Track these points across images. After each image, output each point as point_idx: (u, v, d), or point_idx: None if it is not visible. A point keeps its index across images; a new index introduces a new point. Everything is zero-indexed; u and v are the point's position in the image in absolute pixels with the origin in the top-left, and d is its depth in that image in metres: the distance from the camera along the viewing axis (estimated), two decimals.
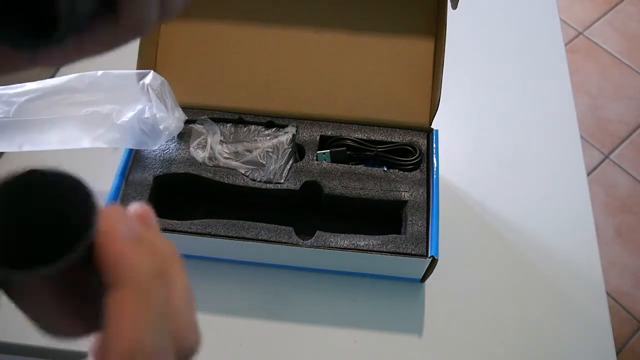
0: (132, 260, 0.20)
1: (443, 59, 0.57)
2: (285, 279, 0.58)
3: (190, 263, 0.66)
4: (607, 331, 0.57)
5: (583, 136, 1.60)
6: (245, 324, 0.56)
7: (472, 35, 0.78)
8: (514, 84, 0.75)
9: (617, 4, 1.87)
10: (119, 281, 0.20)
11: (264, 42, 0.62)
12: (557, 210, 0.64)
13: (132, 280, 0.20)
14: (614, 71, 1.74)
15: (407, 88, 0.61)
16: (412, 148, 0.59)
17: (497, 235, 0.62)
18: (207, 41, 0.62)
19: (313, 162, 0.58)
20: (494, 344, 0.56)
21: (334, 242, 0.53)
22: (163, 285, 0.21)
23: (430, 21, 0.60)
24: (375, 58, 0.61)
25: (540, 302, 0.59)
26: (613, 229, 1.47)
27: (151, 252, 0.21)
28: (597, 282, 0.60)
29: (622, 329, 1.33)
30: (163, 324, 0.21)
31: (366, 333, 0.56)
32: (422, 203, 0.56)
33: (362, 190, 0.56)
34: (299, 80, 0.61)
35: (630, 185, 1.54)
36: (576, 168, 0.67)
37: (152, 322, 0.20)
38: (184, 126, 0.58)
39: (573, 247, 0.62)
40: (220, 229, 0.53)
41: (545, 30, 0.79)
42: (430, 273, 0.55)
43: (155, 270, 0.21)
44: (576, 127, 0.70)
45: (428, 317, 0.57)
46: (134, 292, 0.20)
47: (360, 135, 0.60)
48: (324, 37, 0.61)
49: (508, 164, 0.68)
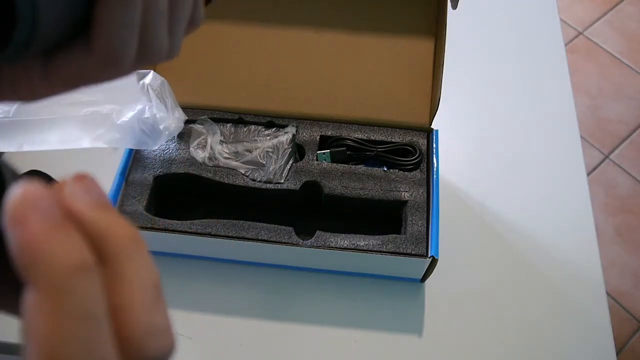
0: (46, 251, 0.16)
1: (443, 59, 0.57)
2: (285, 279, 0.58)
3: (190, 263, 0.66)
4: (607, 331, 0.57)
5: (583, 136, 1.60)
6: (245, 324, 0.56)
7: (472, 35, 0.78)
8: (514, 84, 0.74)
9: (617, 4, 1.87)
10: (31, 277, 0.16)
11: (264, 42, 0.62)
12: (557, 210, 0.64)
13: (46, 275, 0.16)
14: (614, 71, 1.74)
15: (407, 88, 0.61)
16: (412, 148, 0.59)
17: (497, 235, 0.62)
18: (207, 41, 0.62)
19: (313, 162, 0.58)
20: (494, 344, 0.56)
21: (334, 242, 0.53)
22: (94, 280, 0.17)
23: (430, 21, 0.60)
24: (375, 58, 0.61)
25: (540, 302, 0.59)
26: (613, 229, 1.47)
27: (79, 240, 0.17)
28: (597, 282, 0.60)
29: (622, 329, 1.33)
30: (92, 329, 0.16)
31: (366, 333, 0.56)
32: (422, 203, 0.56)
33: (362, 190, 0.56)
34: (299, 80, 0.61)
35: (630, 185, 1.54)
36: (576, 168, 0.67)
37: (72, 328, 0.16)
38: (184, 126, 0.58)
39: (573, 247, 0.62)
40: (220, 229, 0.53)
41: (545, 30, 0.79)
42: (430, 273, 0.55)
43: (81, 263, 0.16)
44: (576, 127, 0.70)
45: (428, 317, 0.57)
46: (47, 292, 0.16)
47: (360, 135, 0.60)
48: (324, 37, 0.61)
49: (508, 164, 0.68)
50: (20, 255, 0.16)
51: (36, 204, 0.16)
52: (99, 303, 0.17)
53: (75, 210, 0.17)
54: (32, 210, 0.16)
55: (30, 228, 0.16)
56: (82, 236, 0.17)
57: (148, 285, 0.18)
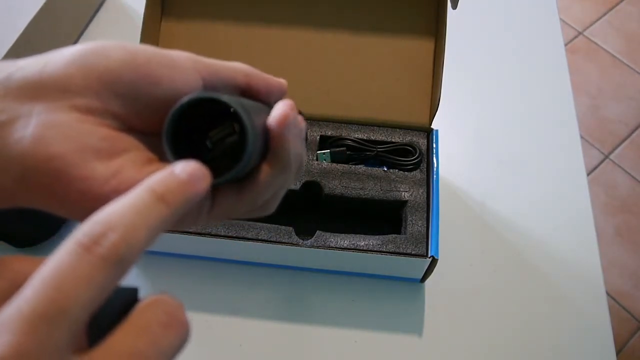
0: (289, 145, 0.26)
1: (443, 59, 0.57)
2: (285, 279, 0.58)
3: (190, 263, 0.65)
4: (607, 331, 0.57)
5: (583, 136, 1.60)
6: (245, 324, 0.56)
7: (472, 35, 0.78)
8: (514, 84, 0.75)
9: (617, 4, 1.87)
10: (272, 155, 0.26)
11: (264, 42, 0.62)
12: (557, 210, 0.64)
13: (283, 157, 0.26)
14: (614, 71, 1.74)
15: (407, 88, 0.61)
16: (412, 148, 0.59)
17: (497, 235, 0.62)
18: (207, 41, 0.62)
19: (313, 162, 0.58)
20: (494, 344, 0.56)
21: (334, 242, 0.53)
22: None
23: (430, 21, 0.60)
24: (375, 58, 0.61)
25: (540, 302, 0.59)
26: (613, 229, 1.47)
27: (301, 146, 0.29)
28: (597, 282, 0.60)
29: (622, 329, 1.33)
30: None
31: (366, 333, 0.56)
32: (422, 203, 0.56)
33: (362, 190, 0.56)
34: (299, 80, 0.61)
35: (630, 185, 1.54)
36: (576, 168, 0.67)
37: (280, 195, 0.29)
38: None
39: (573, 247, 0.62)
40: (220, 229, 0.53)
41: (545, 30, 0.79)
42: (430, 273, 0.55)
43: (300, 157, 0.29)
44: (576, 127, 0.70)
45: (428, 317, 0.57)
46: (282, 165, 0.27)
47: (360, 135, 0.60)
48: (324, 37, 0.61)
49: (508, 164, 0.68)
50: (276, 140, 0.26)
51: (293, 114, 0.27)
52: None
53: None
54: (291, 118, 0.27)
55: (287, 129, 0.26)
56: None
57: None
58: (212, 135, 0.25)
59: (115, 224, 0.18)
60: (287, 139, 0.26)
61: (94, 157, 0.24)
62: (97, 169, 0.23)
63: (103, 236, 0.18)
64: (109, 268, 0.18)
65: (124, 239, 0.18)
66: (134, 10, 0.79)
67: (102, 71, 0.24)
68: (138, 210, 0.19)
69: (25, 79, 0.24)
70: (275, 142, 0.26)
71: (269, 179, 0.27)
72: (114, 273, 0.18)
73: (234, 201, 0.27)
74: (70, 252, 0.18)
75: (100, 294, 0.18)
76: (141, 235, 0.19)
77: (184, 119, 0.24)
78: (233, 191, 0.27)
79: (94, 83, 0.24)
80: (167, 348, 0.19)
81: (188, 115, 0.24)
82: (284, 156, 0.27)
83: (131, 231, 0.19)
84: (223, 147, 0.25)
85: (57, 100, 0.24)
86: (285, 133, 0.26)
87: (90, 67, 0.24)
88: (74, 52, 0.24)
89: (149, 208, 0.20)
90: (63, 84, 0.24)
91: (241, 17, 0.62)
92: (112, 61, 0.25)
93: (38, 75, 0.24)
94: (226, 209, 0.27)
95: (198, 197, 0.22)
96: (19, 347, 0.16)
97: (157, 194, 0.20)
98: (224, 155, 0.25)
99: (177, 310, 0.20)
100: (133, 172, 0.24)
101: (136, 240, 0.19)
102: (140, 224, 0.19)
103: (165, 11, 0.61)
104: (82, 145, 0.23)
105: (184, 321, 0.20)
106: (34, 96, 0.23)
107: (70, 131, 0.23)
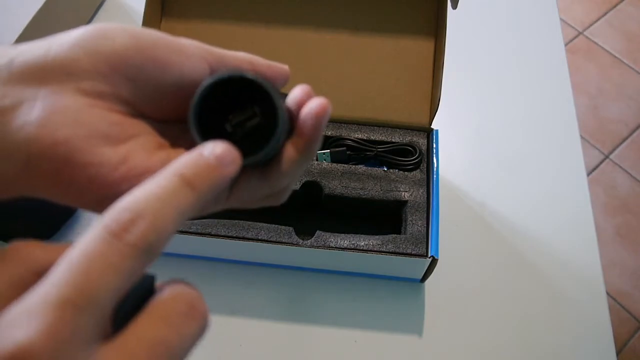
0: (322, 131, 0.26)
1: (443, 59, 0.57)
2: (285, 279, 0.58)
3: (190, 263, 0.65)
4: (607, 331, 0.57)
5: (583, 136, 1.60)
6: (245, 324, 0.56)
7: (472, 35, 0.78)
8: (514, 83, 0.75)
9: (617, 4, 1.87)
10: (302, 138, 0.26)
11: (264, 42, 0.62)
12: (557, 210, 0.64)
13: (315, 141, 0.26)
14: (614, 71, 1.74)
15: (407, 88, 0.61)
16: (412, 148, 0.59)
17: (497, 235, 0.62)
18: (207, 41, 0.61)
19: (313, 162, 0.58)
20: (494, 344, 0.56)
21: (334, 242, 0.53)
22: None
23: (430, 21, 0.60)
24: (376, 58, 0.61)
25: (540, 302, 0.59)
26: (613, 229, 1.47)
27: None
28: (597, 282, 0.60)
29: (622, 329, 1.33)
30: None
31: (366, 333, 0.56)
32: (422, 203, 0.56)
33: (362, 190, 0.56)
34: (299, 80, 0.61)
35: (630, 185, 1.54)
36: (576, 168, 0.67)
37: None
38: None
39: (573, 247, 0.62)
40: (220, 229, 0.53)
41: (545, 30, 0.79)
42: (430, 273, 0.55)
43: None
44: (576, 127, 0.70)
45: (428, 317, 0.57)
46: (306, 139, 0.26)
47: (360, 135, 0.60)
48: (324, 37, 0.61)
49: (508, 164, 0.68)
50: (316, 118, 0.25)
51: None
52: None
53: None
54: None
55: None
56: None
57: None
58: (231, 118, 0.25)
59: (144, 211, 0.18)
60: (322, 124, 0.26)
61: (103, 142, 0.23)
62: (106, 155, 0.23)
63: (132, 223, 0.18)
64: (137, 256, 0.18)
65: (153, 227, 0.18)
66: (134, 10, 0.79)
67: (109, 54, 0.23)
68: (166, 196, 0.19)
69: (29, 63, 0.23)
70: (309, 126, 0.25)
71: (294, 161, 0.26)
72: (142, 261, 0.18)
73: (256, 185, 0.26)
74: (98, 238, 0.17)
75: (128, 282, 0.18)
76: (169, 222, 0.19)
77: (205, 101, 0.24)
78: (256, 175, 0.26)
79: (102, 66, 0.23)
80: (189, 337, 0.19)
81: (209, 98, 0.24)
82: (315, 141, 0.26)
83: (160, 219, 0.18)
84: (243, 131, 0.25)
85: (63, 83, 0.23)
86: (325, 118, 0.25)
87: (96, 50, 0.23)
88: (78, 35, 0.24)
89: (177, 194, 0.19)
90: (69, 66, 0.23)
91: (241, 17, 0.62)
92: (117, 44, 0.24)
93: (42, 58, 0.23)
94: (247, 194, 0.26)
95: (227, 182, 0.21)
96: (49, 332, 0.15)
97: (185, 179, 0.20)
98: (243, 139, 0.25)
99: (198, 300, 0.20)
100: (143, 158, 0.24)
101: (164, 228, 0.18)
102: (168, 211, 0.19)
103: (165, 11, 0.61)
104: (91, 130, 0.23)
105: (203, 311, 0.20)
106: (39, 80, 0.23)
107: (78, 115, 0.23)
